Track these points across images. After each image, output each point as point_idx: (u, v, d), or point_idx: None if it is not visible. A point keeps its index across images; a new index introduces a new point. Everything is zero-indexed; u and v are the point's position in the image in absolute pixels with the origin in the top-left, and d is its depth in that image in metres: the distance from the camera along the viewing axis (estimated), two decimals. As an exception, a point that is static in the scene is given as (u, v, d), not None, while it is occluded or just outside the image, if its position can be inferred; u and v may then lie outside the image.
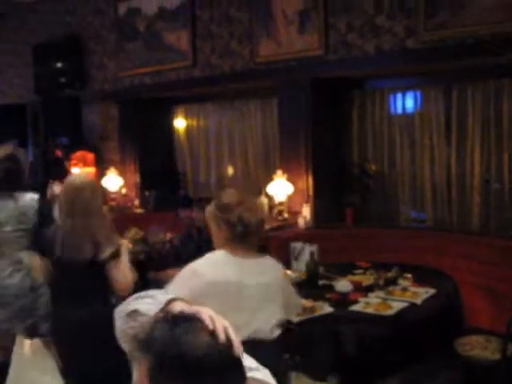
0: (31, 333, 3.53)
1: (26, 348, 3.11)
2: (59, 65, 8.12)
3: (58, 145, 7.75)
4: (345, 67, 5.33)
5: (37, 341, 3.18)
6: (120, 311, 1.66)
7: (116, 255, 3.14)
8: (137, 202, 7.40)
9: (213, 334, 1.29)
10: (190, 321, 1.30)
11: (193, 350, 1.23)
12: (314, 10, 5.41)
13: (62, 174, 7.00)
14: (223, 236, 2.71)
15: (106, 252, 3.10)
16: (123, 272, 3.18)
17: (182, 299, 1.54)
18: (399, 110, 5.75)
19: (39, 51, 8.37)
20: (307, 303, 3.79)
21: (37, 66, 8.38)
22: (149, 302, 1.57)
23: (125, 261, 3.23)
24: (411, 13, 4.80)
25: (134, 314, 1.58)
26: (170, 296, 1.56)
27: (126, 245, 3.38)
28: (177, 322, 1.29)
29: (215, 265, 2.65)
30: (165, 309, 1.49)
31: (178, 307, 1.46)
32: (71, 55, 7.96)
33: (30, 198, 3.88)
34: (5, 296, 3.76)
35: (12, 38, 9.23)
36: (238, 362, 1.30)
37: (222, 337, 1.28)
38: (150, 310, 1.52)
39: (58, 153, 7.66)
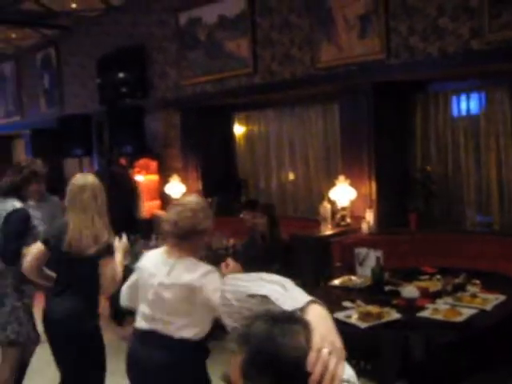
0: None
1: None
2: (123, 75, 8.33)
3: (122, 153, 7.93)
4: (407, 71, 5.29)
5: None
6: (235, 286, 1.68)
7: (103, 253, 3.29)
8: (199, 209, 7.48)
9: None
10: (290, 322, 1.34)
11: (287, 351, 1.28)
12: (375, 14, 5.39)
13: (126, 181, 7.20)
14: None
15: (92, 249, 3.25)
16: (111, 270, 3.33)
17: (319, 302, 1.51)
18: (463, 113, 5.66)
19: (103, 62, 8.60)
20: (374, 309, 3.77)
21: (101, 77, 8.61)
22: (280, 292, 1.56)
23: (116, 260, 3.41)
24: (475, 14, 4.73)
25: (259, 297, 1.58)
26: (309, 297, 1.53)
27: (121, 245, 3.61)
28: (277, 322, 1.33)
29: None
30: (304, 309, 1.48)
31: (311, 316, 1.44)
32: (134, 65, 8.16)
33: (10, 205, 3.97)
34: None
35: (77, 51, 9.53)
36: None
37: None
38: (283, 303, 1.50)
39: (123, 161, 7.83)
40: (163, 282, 2.79)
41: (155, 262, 2.88)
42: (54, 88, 10.19)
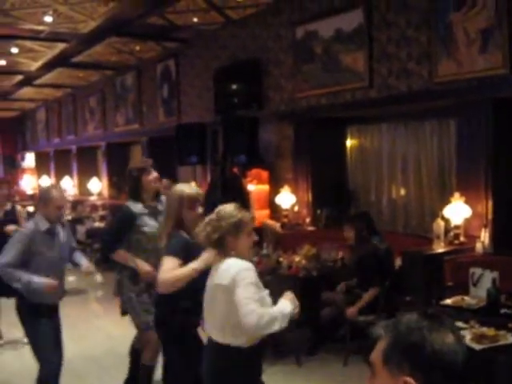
0: None
1: None
2: (238, 87, 8.55)
3: (235, 162, 8.12)
4: (530, 87, 5.10)
5: None
6: None
7: None
8: (308, 220, 7.57)
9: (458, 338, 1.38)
10: (441, 321, 1.41)
11: (432, 341, 1.34)
12: (498, 28, 5.24)
13: (238, 190, 7.37)
14: None
15: None
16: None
17: None
18: None
19: (220, 74, 8.87)
20: (489, 331, 3.67)
21: (217, 88, 8.88)
22: None
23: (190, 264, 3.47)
24: None
25: None
26: None
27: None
28: (428, 317, 1.41)
29: None
30: None
31: None
32: (250, 78, 8.35)
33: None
34: None
35: (195, 63, 9.89)
36: (464, 373, 1.38)
37: None
38: None
39: (235, 170, 8.02)
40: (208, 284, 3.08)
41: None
42: (172, 98, 10.61)
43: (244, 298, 2.82)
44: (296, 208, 7.70)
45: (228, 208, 3.10)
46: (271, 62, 8.10)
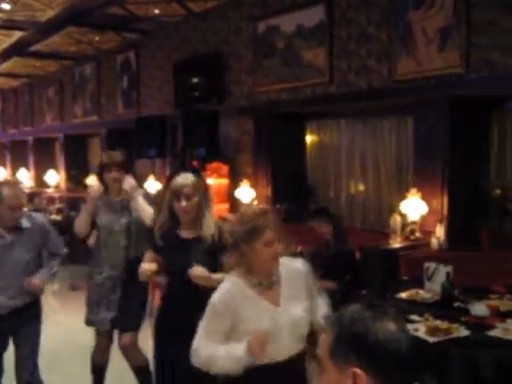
0: None
1: None
2: (199, 80, 8.51)
3: (194, 156, 8.10)
4: (486, 86, 5.21)
5: None
6: None
7: None
8: (268, 215, 7.58)
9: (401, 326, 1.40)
10: (383, 310, 1.42)
11: (375, 331, 1.36)
12: (456, 28, 5.34)
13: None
14: None
15: None
16: None
17: None
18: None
19: (180, 67, 8.82)
20: (442, 324, 3.75)
21: (177, 81, 8.83)
22: None
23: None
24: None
25: None
26: None
27: None
28: (370, 307, 1.42)
29: None
30: None
31: None
32: (211, 71, 8.32)
33: None
34: None
35: (155, 54, 9.81)
36: (413, 363, 1.39)
37: None
38: None
39: (195, 164, 8.00)
40: None
41: None
42: (132, 90, 10.51)
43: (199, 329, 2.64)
44: (255, 202, 7.71)
45: (250, 209, 2.82)
46: (232, 55, 8.09)
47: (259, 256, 2.58)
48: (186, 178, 3.45)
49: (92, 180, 4.36)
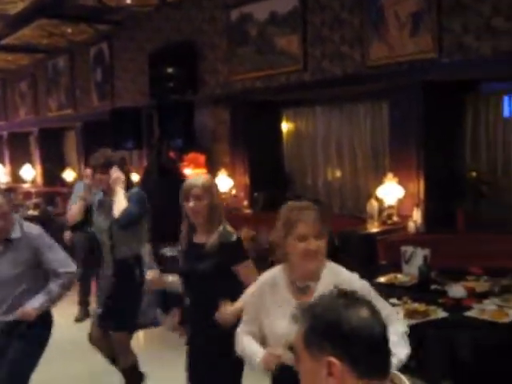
0: None
1: None
2: (173, 70, 8.45)
3: (171, 147, 8.07)
4: (459, 70, 5.25)
5: None
6: None
7: None
8: (246, 203, 7.60)
9: (373, 312, 1.40)
10: (356, 299, 1.43)
11: (348, 318, 1.36)
12: (428, 12, 5.36)
13: (175, 175, 7.33)
14: None
15: None
16: None
17: None
18: (515, 114, 5.58)
19: (154, 58, 8.74)
20: (420, 307, 3.79)
21: (152, 72, 8.76)
22: None
23: None
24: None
25: None
26: None
27: None
28: (342, 296, 1.43)
29: None
30: None
31: None
32: (185, 61, 8.27)
33: None
34: None
35: (129, 45, 9.72)
36: (386, 347, 1.40)
37: None
38: None
39: (172, 154, 7.97)
40: None
41: None
42: (106, 82, 10.41)
43: None
44: (233, 191, 7.71)
45: (289, 203, 2.69)
46: (206, 45, 8.04)
47: (292, 251, 2.50)
48: (196, 179, 3.38)
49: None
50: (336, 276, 2.54)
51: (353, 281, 2.56)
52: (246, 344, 2.62)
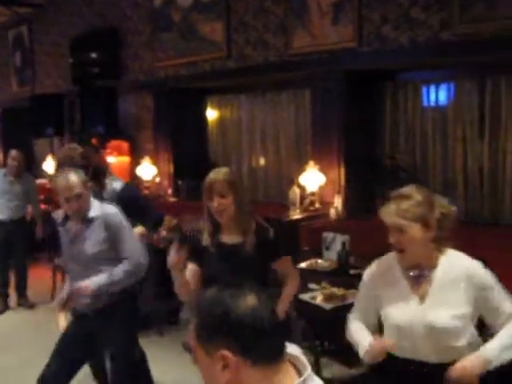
0: None
1: None
2: (96, 56, 8.28)
3: (93, 134, 7.91)
4: (378, 59, 5.35)
5: None
6: None
7: None
8: (170, 191, 7.55)
9: (259, 299, 1.40)
10: (240, 289, 1.42)
11: (234, 309, 1.36)
12: (348, 2, 5.44)
13: (97, 163, 7.17)
14: None
15: None
16: None
17: None
18: (432, 103, 5.75)
19: (77, 43, 8.53)
20: (338, 291, 3.87)
21: (74, 57, 8.55)
22: None
23: None
24: (446, 5, 4.81)
25: None
26: None
27: None
28: (226, 288, 1.42)
29: None
30: None
31: None
32: (108, 47, 8.11)
33: None
34: None
35: (50, 29, 9.44)
36: (277, 331, 1.41)
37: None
38: None
39: (94, 142, 7.81)
40: None
41: None
42: (26, 67, 10.09)
43: None
44: (157, 179, 7.64)
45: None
46: (129, 30, 7.90)
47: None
48: (216, 174, 2.99)
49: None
50: (456, 263, 2.51)
51: (476, 267, 2.50)
52: (354, 331, 2.67)
